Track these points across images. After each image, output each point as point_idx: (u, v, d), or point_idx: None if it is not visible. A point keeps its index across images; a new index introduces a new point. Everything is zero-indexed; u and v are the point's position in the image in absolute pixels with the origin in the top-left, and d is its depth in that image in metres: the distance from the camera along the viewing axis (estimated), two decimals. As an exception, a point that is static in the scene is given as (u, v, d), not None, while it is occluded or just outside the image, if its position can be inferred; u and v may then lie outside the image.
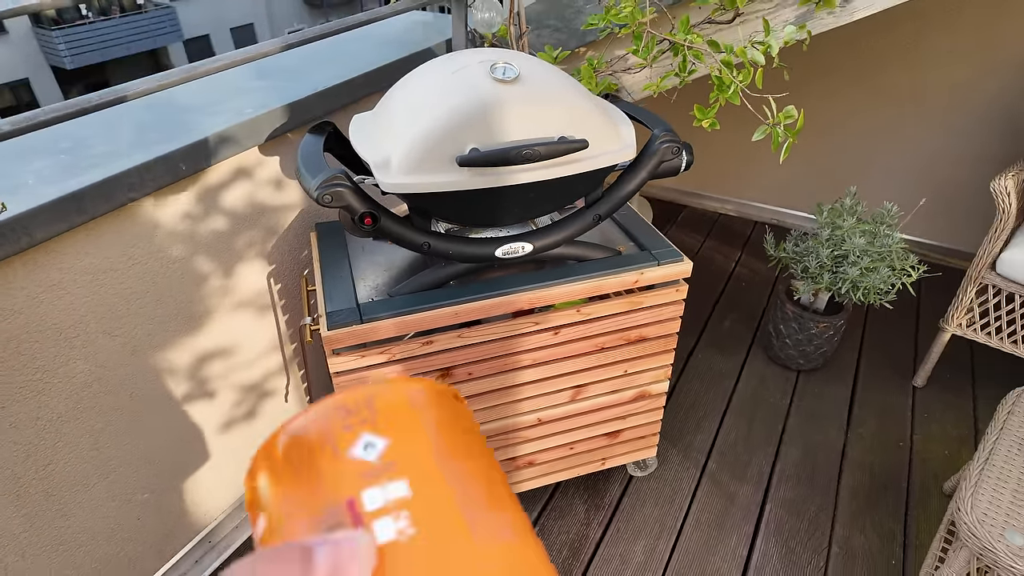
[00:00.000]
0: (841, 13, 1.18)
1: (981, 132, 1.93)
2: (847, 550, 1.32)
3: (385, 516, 0.19)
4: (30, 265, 0.84)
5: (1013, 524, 0.94)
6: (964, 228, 2.04)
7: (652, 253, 1.09)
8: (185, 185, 0.98)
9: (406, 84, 0.93)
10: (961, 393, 1.68)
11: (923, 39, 1.87)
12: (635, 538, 1.34)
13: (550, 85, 0.90)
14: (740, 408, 1.66)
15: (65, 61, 11.73)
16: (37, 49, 11.71)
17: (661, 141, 0.95)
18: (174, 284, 1.02)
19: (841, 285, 1.51)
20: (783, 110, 1.08)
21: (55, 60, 11.82)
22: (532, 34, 1.39)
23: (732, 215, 2.49)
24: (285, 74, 1.20)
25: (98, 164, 0.90)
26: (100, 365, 0.96)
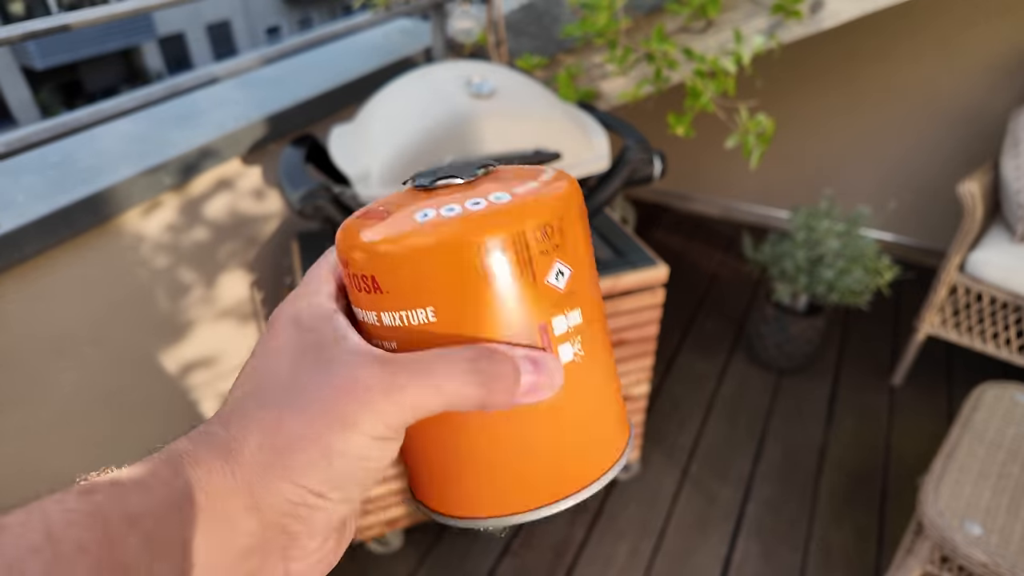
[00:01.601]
0: (809, 23, 1.22)
1: (951, 134, 1.97)
2: (824, 547, 1.35)
3: (567, 342, 0.23)
4: (19, 279, 0.85)
5: (972, 515, 0.97)
6: (939, 228, 2.08)
7: (628, 259, 1.11)
8: (168, 198, 1.00)
9: (384, 98, 0.96)
10: (937, 391, 1.72)
11: (893, 44, 1.92)
12: (618, 539, 1.37)
13: (525, 99, 0.92)
14: (722, 409, 1.69)
15: (35, 61, 11.59)
16: (6, 49, 11.57)
17: (632, 152, 0.98)
18: (159, 294, 1.04)
19: (817, 287, 1.54)
20: (754, 118, 1.11)
21: (24, 60, 11.67)
22: (510, 42, 1.42)
23: (715, 217, 2.52)
24: (265, 84, 1.22)
25: (85, 180, 0.92)
26: (88, 374, 0.98)
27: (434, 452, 0.24)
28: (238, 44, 14.60)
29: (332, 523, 0.22)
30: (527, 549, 1.35)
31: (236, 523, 0.20)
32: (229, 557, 0.20)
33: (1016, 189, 1.47)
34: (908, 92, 1.99)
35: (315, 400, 0.20)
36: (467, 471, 0.24)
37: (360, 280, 0.22)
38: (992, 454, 1.08)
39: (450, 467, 0.24)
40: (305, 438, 0.20)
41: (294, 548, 0.21)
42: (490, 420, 0.23)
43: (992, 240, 1.52)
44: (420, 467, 0.25)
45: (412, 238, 0.21)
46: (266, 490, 0.20)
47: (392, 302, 0.22)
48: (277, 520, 0.20)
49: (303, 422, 0.20)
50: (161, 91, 0.98)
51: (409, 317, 0.22)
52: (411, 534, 1.35)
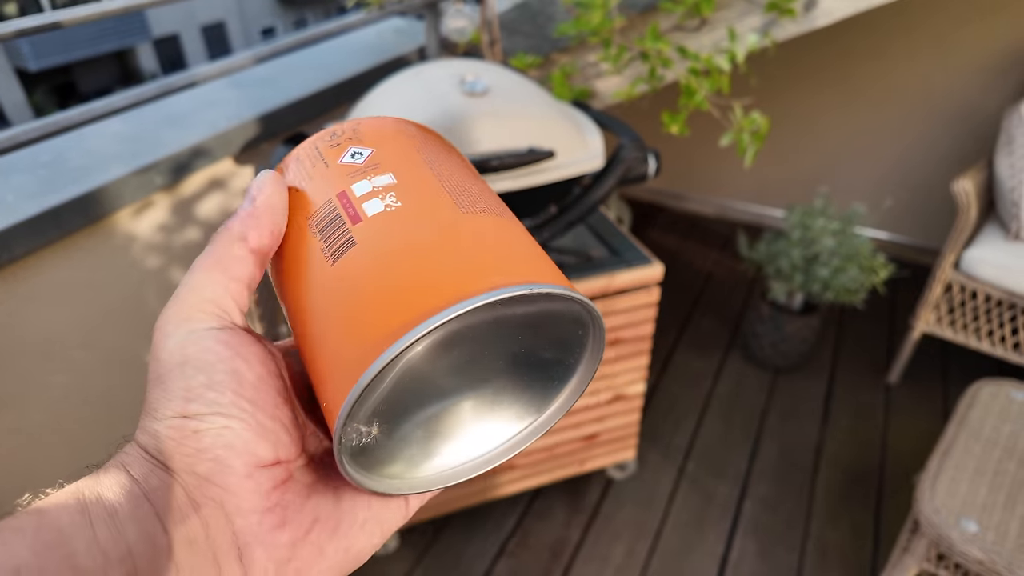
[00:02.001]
0: (803, 21, 1.22)
1: (945, 132, 1.98)
2: (821, 545, 1.35)
3: (373, 198, 0.23)
4: (9, 280, 0.85)
5: (968, 512, 0.97)
6: (934, 226, 2.09)
7: (623, 258, 1.11)
8: (160, 198, 1.00)
9: (377, 97, 0.95)
10: (932, 389, 1.72)
11: (887, 42, 1.92)
12: (615, 540, 1.37)
13: (519, 97, 0.92)
14: (718, 408, 1.69)
15: (29, 63, 11.53)
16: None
17: (627, 150, 0.98)
18: (150, 295, 1.03)
19: (813, 285, 1.54)
20: (748, 116, 1.11)
21: (18, 61, 11.59)
22: (504, 41, 1.42)
23: (710, 216, 2.52)
24: (258, 83, 1.21)
25: (76, 179, 0.91)
26: (78, 376, 0.97)
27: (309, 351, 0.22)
28: (233, 45, 14.56)
29: (242, 453, 0.20)
30: (523, 550, 1.34)
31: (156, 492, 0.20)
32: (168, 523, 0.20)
33: (1010, 187, 1.47)
34: (902, 90, 1.99)
35: None
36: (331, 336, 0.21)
37: None
38: (988, 451, 1.08)
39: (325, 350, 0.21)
40: (150, 379, 0.21)
41: (225, 494, 0.20)
42: (320, 275, 0.22)
43: (986, 238, 1.52)
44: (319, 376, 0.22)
45: None
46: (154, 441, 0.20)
47: None
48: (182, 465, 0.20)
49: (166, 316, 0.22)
50: (153, 90, 0.97)
51: None
52: (407, 535, 1.35)
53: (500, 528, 1.38)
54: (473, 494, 1.31)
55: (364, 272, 0.21)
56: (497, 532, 1.37)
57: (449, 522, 1.38)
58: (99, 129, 1.03)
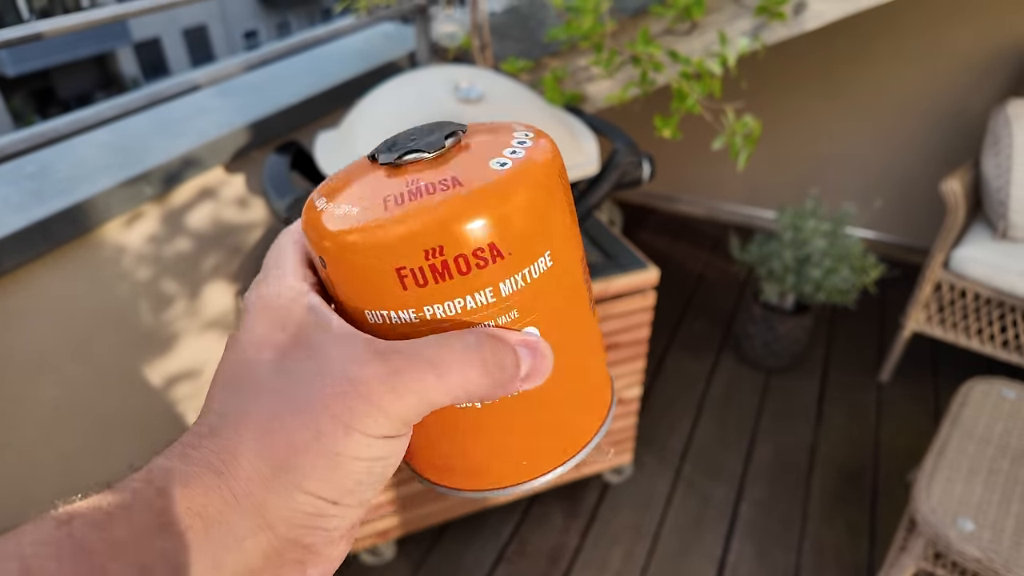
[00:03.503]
0: (792, 24, 1.22)
1: (933, 133, 2.00)
2: (817, 545, 1.35)
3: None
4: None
5: (964, 511, 0.98)
6: (923, 226, 2.11)
7: (618, 262, 1.11)
8: (150, 208, 0.98)
9: (371, 104, 0.94)
10: (924, 387, 1.74)
11: (874, 44, 1.94)
12: (613, 544, 1.36)
13: (513, 104, 0.91)
14: (712, 410, 1.69)
15: (6, 68, 11.37)
16: (-26, 56, 11.32)
17: (621, 155, 0.97)
18: (142, 307, 1.02)
19: (804, 286, 1.55)
20: (740, 119, 1.11)
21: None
22: (495, 45, 1.41)
23: (701, 218, 2.53)
24: (247, 91, 1.20)
25: (64, 191, 0.89)
26: (69, 389, 0.95)
27: (434, 436, 0.24)
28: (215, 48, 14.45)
29: (348, 528, 0.21)
30: (521, 556, 1.34)
31: (242, 543, 0.18)
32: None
33: (996, 187, 1.49)
34: (890, 92, 2.01)
35: (311, 399, 0.19)
36: (469, 450, 0.24)
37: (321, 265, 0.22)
38: (981, 450, 1.09)
39: (452, 449, 0.24)
40: (307, 443, 0.18)
41: (312, 558, 0.20)
42: (487, 405, 0.23)
43: (975, 237, 1.54)
44: (420, 447, 0.24)
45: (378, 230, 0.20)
46: (277, 504, 0.19)
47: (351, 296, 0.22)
48: (292, 534, 0.19)
49: (301, 424, 0.18)
50: (141, 99, 0.96)
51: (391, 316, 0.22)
52: (403, 545, 1.34)
53: (498, 535, 1.37)
54: (470, 502, 1.30)
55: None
56: (495, 540, 1.36)
57: (446, 531, 1.37)
58: (87, 139, 1.01)
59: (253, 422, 0.19)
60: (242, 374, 0.21)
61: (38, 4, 11.89)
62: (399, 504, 1.20)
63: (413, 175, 0.21)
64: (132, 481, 0.18)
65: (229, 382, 0.21)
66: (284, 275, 0.22)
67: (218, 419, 0.20)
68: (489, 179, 0.20)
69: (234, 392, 0.20)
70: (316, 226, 0.21)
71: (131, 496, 0.18)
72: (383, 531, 1.23)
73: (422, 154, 0.22)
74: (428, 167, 0.21)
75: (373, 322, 0.21)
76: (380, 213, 0.20)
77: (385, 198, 0.20)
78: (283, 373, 0.20)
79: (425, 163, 0.22)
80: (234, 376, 0.21)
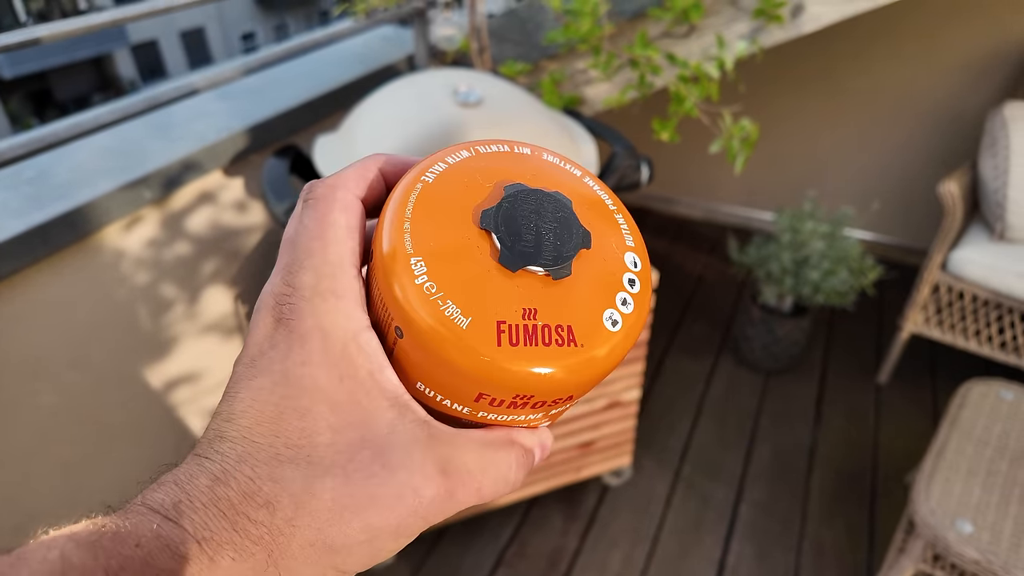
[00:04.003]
0: (790, 27, 1.23)
1: (931, 134, 2.00)
2: (817, 546, 1.36)
3: None
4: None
5: (963, 513, 0.98)
6: (921, 227, 2.11)
7: (617, 265, 1.11)
8: (149, 212, 0.98)
9: (370, 107, 0.94)
10: (922, 388, 1.74)
11: (872, 47, 1.94)
12: (612, 547, 1.36)
13: (513, 107, 0.92)
14: (711, 412, 1.69)
15: (3, 70, 11.35)
16: (-29, 58, 11.32)
17: (620, 158, 0.98)
18: (140, 311, 1.02)
19: (803, 288, 1.55)
20: (738, 122, 1.11)
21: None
22: (493, 48, 1.41)
23: (698, 220, 2.53)
24: (246, 94, 1.20)
25: (62, 195, 0.89)
26: (67, 396, 0.95)
27: None
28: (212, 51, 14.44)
29: None
30: (520, 559, 1.34)
31: None
32: None
33: (994, 188, 1.49)
34: (888, 93, 2.01)
35: (375, 500, 0.19)
36: None
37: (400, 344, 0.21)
38: (980, 451, 1.09)
39: None
40: (362, 543, 0.19)
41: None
42: None
43: (972, 238, 1.54)
44: None
45: (480, 360, 0.19)
46: (309, 574, 0.19)
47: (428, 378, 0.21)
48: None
49: (362, 526, 0.19)
50: (139, 103, 0.96)
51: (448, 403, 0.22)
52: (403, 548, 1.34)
53: (497, 538, 1.37)
54: (470, 504, 1.30)
55: None
56: (494, 543, 1.36)
57: (445, 534, 1.37)
58: (85, 144, 1.01)
59: (312, 511, 0.18)
60: (295, 428, 0.19)
61: (35, 6, 11.88)
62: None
63: (530, 298, 0.20)
64: (182, 542, 0.17)
65: (276, 425, 0.19)
66: (343, 299, 0.20)
67: (272, 488, 0.18)
68: (602, 343, 0.20)
69: (285, 447, 0.19)
70: (409, 307, 0.20)
71: (182, 564, 0.17)
72: (383, 534, 1.22)
73: (545, 272, 0.20)
74: (546, 287, 0.20)
75: (422, 390, 0.21)
76: (492, 343, 0.19)
77: (499, 324, 0.19)
78: (341, 451, 0.19)
79: (544, 280, 0.20)
80: (282, 422, 0.19)
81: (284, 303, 0.20)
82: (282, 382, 0.19)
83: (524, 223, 0.21)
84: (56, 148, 0.88)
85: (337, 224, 0.21)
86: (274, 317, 0.20)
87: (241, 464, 0.18)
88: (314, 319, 0.20)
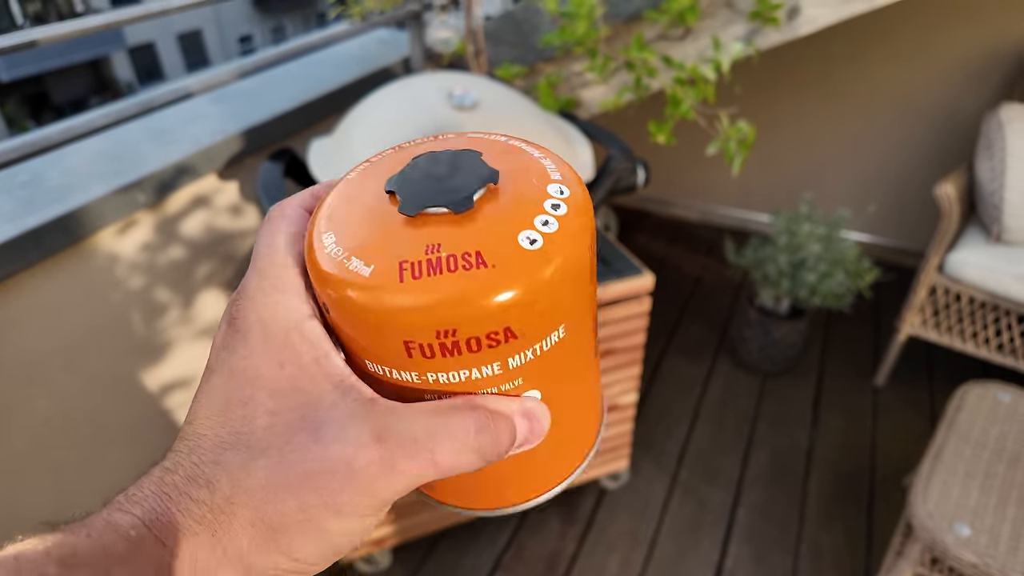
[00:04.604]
0: (786, 29, 1.23)
1: (927, 136, 2.01)
2: (815, 549, 1.35)
3: None
4: (-16, 304, 0.82)
5: (960, 516, 0.98)
6: (917, 229, 2.11)
7: (614, 268, 1.11)
8: (143, 216, 0.98)
9: (364, 111, 0.94)
10: (919, 390, 1.74)
11: (868, 49, 1.94)
12: (610, 550, 1.36)
13: (507, 110, 0.91)
14: (709, 414, 1.69)
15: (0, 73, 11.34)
16: (-32, 61, 11.27)
17: (616, 161, 0.97)
18: (134, 316, 1.01)
19: (800, 291, 1.55)
20: (735, 124, 1.11)
21: (-11, 72, 11.41)
22: (489, 51, 1.41)
23: (695, 221, 2.53)
24: (241, 97, 1.20)
25: (56, 199, 0.89)
26: (61, 400, 0.95)
27: None
28: (210, 53, 14.43)
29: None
30: (518, 563, 1.33)
31: None
32: None
33: (990, 191, 1.49)
34: (884, 96, 2.01)
35: (308, 475, 0.19)
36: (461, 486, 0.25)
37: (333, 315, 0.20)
38: (977, 454, 1.09)
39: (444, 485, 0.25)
40: (300, 522, 0.19)
41: None
42: None
43: (969, 241, 1.54)
44: None
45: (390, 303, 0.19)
46: (262, 564, 0.19)
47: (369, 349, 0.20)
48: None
49: (298, 504, 0.19)
50: (134, 107, 0.96)
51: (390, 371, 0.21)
52: (399, 553, 1.33)
53: (494, 543, 1.37)
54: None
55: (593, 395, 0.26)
56: (491, 547, 1.36)
57: (442, 538, 1.37)
58: (79, 148, 1.01)
59: (250, 487, 0.19)
60: (237, 416, 0.20)
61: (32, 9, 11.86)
62: (395, 512, 1.19)
63: (434, 236, 0.19)
64: (132, 527, 0.18)
65: (222, 417, 0.20)
66: (284, 293, 0.21)
67: (213, 469, 0.19)
68: (517, 262, 0.19)
69: (229, 437, 0.20)
70: (319, 273, 0.20)
71: (134, 548, 0.18)
72: (379, 540, 1.22)
73: (446, 209, 0.20)
74: (451, 225, 0.20)
75: (372, 371, 0.21)
76: (394, 282, 0.19)
77: (402, 264, 0.19)
78: (279, 433, 0.19)
79: (448, 218, 0.20)
80: (228, 412, 0.20)
81: (233, 306, 0.22)
82: (229, 376, 0.20)
83: (425, 175, 0.21)
84: (50, 152, 0.88)
85: (280, 231, 0.22)
86: (227, 322, 0.22)
87: (190, 455, 0.20)
88: (255, 314, 0.21)
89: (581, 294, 0.21)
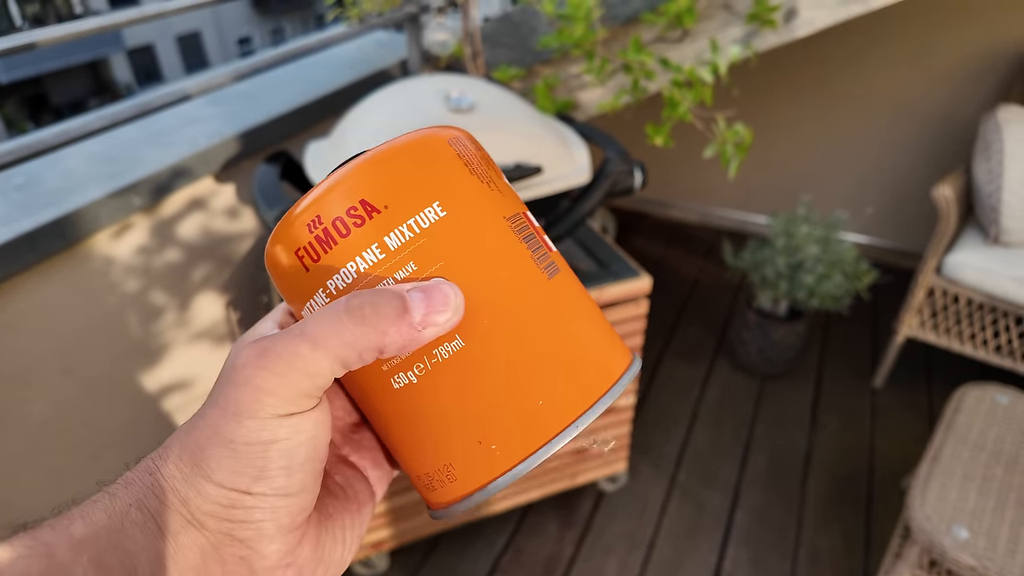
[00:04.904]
0: (783, 32, 1.23)
1: (924, 138, 2.01)
2: (813, 552, 1.35)
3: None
4: (-21, 308, 0.82)
5: (959, 519, 0.98)
6: (915, 231, 2.12)
7: (611, 271, 1.11)
8: (139, 219, 0.98)
9: (361, 113, 0.94)
10: (917, 392, 1.74)
11: (865, 51, 1.95)
12: (608, 553, 1.36)
13: (504, 113, 0.91)
14: (707, 417, 1.69)
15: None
16: (-33, 63, 11.25)
17: (613, 164, 0.97)
18: (131, 319, 1.01)
19: (798, 293, 1.55)
20: (732, 127, 1.11)
21: (-13, 73, 11.40)
22: (487, 53, 1.41)
23: (693, 223, 2.53)
24: (238, 99, 1.19)
25: (52, 202, 0.89)
26: (57, 403, 0.94)
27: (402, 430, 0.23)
28: (209, 55, 14.43)
29: (283, 521, 0.20)
30: (516, 566, 1.33)
31: (178, 538, 0.20)
32: (180, 572, 0.20)
33: (988, 192, 1.49)
34: (881, 98, 2.02)
35: (212, 396, 0.20)
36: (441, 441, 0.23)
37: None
38: (976, 456, 1.09)
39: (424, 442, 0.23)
40: (208, 436, 0.20)
41: (252, 554, 0.20)
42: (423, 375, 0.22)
43: (967, 242, 1.54)
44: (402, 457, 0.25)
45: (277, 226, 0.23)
46: (196, 499, 0.20)
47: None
48: (221, 528, 0.20)
49: (205, 422, 0.20)
50: (130, 109, 0.95)
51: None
52: (397, 556, 1.33)
53: (492, 546, 1.36)
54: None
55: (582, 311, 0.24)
56: (489, 550, 1.35)
57: (440, 541, 1.37)
58: (75, 150, 1.01)
59: (179, 429, 0.21)
60: None
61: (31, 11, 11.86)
62: (392, 515, 1.19)
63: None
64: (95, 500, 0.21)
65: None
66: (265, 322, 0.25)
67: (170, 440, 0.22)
68: (373, 152, 0.21)
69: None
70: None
71: (90, 502, 0.20)
72: (376, 542, 1.22)
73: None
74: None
75: None
76: (291, 213, 0.22)
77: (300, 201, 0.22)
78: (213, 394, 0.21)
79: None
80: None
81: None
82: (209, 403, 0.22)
83: None
84: (46, 154, 0.87)
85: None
86: None
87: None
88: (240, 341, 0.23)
89: (457, 177, 0.22)
